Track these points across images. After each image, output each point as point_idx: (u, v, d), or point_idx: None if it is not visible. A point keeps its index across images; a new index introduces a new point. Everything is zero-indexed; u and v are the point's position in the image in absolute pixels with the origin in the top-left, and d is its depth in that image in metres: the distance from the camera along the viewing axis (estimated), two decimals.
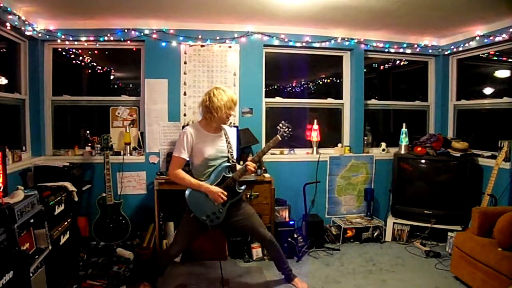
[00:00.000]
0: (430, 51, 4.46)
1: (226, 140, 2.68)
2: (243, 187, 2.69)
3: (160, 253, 3.33)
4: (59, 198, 2.94)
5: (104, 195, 3.50)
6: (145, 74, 3.86)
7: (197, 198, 2.58)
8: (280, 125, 2.70)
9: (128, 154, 3.89)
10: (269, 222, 3.51)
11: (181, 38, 3.86)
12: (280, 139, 2.67)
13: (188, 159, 2.60)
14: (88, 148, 3.87)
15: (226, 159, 2.66)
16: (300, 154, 4.28)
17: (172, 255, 2.79)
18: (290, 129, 2.68)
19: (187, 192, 2.60)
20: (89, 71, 4.46)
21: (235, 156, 2.77)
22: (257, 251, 3.51)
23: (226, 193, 2.55)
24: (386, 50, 4.36)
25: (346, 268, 3.32)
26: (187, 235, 2.74)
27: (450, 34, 4.23)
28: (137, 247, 3.44)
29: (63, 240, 2.91)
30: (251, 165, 2.60)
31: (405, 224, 4.00)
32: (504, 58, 4.07)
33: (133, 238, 3.69)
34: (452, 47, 4.28)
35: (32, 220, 2.35)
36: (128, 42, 3.85)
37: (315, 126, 4.20)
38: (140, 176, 3.89)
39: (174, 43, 3.86)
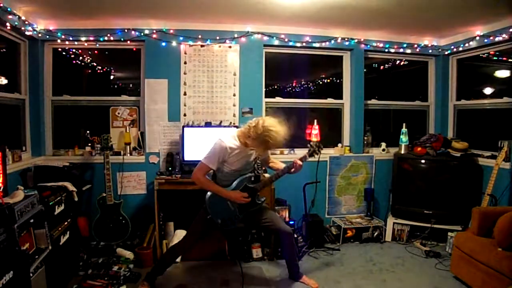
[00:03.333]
0: (430, 51, 4.46)
1: (256, 151, 2.74)
2: (262, 199, 2.81)
3: (167, 250, 3.28)
4: (59, 198, 2.93)
5: (104, 195, 3.51)
6: (145, 74, 3.86)
7: (217, 201, 2.67)
8: (312, 143, 2.83)
9: (128, 154, 3.89)
10: None
11: (181, 38, 3.86)
12: (308, 157, 2.82)
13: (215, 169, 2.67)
14: (88, 148, 3.87)
15: (252, 169, 2.74)
16: (300, 154, 4.25)
17: (179, 251, 2.86)
18: (320, 148, 2.83)
19: (208, 193, 2.67)
20: (89, 71, 4.46)
21: (261, 167, 2.84)
22: (257, 251, 3.51)
23: (247, 194, 2.64)
24: (386, 50, 4.35)
25: (346, 268, 3.32)
26: (199, 233, 2.82)
27: (450, 34, 4.23)
28: (137, 247, 3.44)
29: (63, 240, 2.91)
30: (298, 162, 2.73)
31: (405, 224, 4.00)
32: (504, 58, 4.06)
33: (133, 238, 3.68)
34: (452, 47, 4.28)
35: (32, 220, 2.34)
36: (128, 42, 3.85)
37: (315, 126, 4.20)
38: (140, 176, 3.89)
39: (174, 43, 3.86)
